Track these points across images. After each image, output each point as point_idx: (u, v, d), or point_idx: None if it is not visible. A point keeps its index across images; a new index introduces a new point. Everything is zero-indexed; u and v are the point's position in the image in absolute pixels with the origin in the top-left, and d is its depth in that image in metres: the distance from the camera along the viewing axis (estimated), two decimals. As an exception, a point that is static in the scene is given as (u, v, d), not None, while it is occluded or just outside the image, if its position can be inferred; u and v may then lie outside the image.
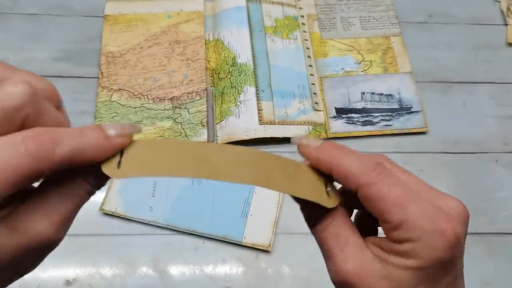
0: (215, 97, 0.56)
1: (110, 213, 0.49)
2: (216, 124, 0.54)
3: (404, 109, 0.56)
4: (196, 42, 0.59)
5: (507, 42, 0.63)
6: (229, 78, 0.56)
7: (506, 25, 0.64)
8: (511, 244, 0.50)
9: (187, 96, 0.56)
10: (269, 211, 0.49)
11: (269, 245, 0.47)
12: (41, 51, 0.60)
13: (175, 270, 0.47)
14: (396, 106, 0.56)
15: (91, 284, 0.46)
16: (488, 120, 0.57)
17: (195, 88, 0.56)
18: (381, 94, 0.57)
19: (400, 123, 0.55)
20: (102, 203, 0.49)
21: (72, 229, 0.51)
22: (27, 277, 0.45)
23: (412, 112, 0.56)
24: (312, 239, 0.24)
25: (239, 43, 0.59)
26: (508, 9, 0.65)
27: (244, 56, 0.58)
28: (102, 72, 0.57)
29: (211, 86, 0.57)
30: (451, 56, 0.62)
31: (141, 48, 0.58)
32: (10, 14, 0.62)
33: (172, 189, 0.50)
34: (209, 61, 0.59)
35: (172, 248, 0.48)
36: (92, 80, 0.57)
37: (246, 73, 0.56)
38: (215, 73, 0.58)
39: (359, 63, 0.60)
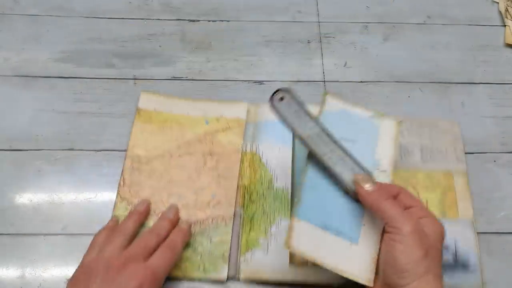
0: (243, 221, 0.49)
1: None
2: (241, 255, 0.47)
3: (459, 265, 0.48)
4: (231, 156, 0.52)
5: (505, 43, 0.63)
6: (262, 203, 0.50)
7: (505, 26, 0.65)
8: (510, 244, 0.50)
9: (212, 221, 0.49)
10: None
11: None
12: (42, 51, 0.60)
13: None
14: (451, 261, 0.48)
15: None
16: (486, 121, 0.57)
17: (222, 212, 0.49)
18: None
19: (452, 279, 0.47)
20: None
21: (73, 228, 0.51)
22: (29, 276, 0.46)
23: (469, 272, 0.47)
24: None
25: (278, 163, 0.52)
26: (506, 10, 0.66)
27: (282, 181, 0.51)
28: (124, 179, 0.50)
29: (240, 208, 0.50)
30: (449, 57, 0.62)
31: (171, 156, 0.52)
32: (11, 15, 0.63)
33: None
34: (242, 176, 0.51)
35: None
36: (92, 81, 0.58)
37: (281, 201, 0.50)
38: (247, 193, 0.51)
39: None
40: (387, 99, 0.58)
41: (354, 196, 0.42)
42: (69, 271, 0.47)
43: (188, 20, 0.64)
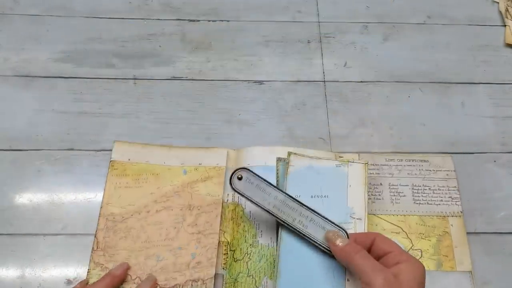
0: (226, 283, 0.45)
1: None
2: None
3: None
4: (211, 209, 0.48)
5: (505, 43, 0.63)
6: (247, 262, 0.45)
7: (505, 26, 0.65)
8: (510, 244, 0.50)
9: (191, 285, 0.45)
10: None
11: None
12: (42, 51, 0.60)
13: None
14: None
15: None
16: (486, 121, 0.57)
17: (201, 275, 0.45)
18: None
19: None
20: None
21: (73, 228, 0.51)
22: (29, 276, 0.46)
23: None
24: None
25: (262, 216, 0.48)
26: (507, 10, 0.66)
27: (267, 236, 0.47)
28: (98, 242, 0.47)
29: (223, 269, 0.46)
30: (449, 57, 0.62)
31: (148, 212, 0.48)
32: (11, 15, 0.63)
33: None
34: (224, 232, 0.48)
35: None
36: (92, 81, 0.58)
37: (267, 259, 0.45)
38: (230, 250, 0.47)
39: (407, 251, 0.46)
40: (387, 99, 0.58)
41: (331, 254, 0.42)
42: (68, 271, 0.47)
43: (188, 20, 0.64)
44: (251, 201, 0.44)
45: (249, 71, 0.60)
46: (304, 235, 0.43)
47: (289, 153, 0.49)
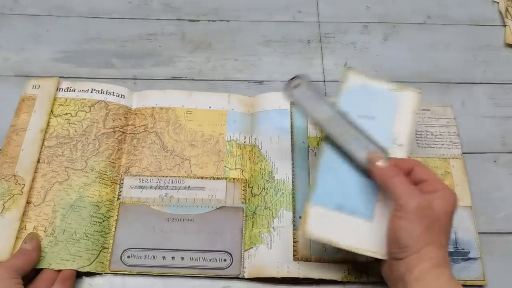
0: (246, 216, 0.49)
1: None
2: (244, 251, 0.47)
3: (460, 254, 0.48)
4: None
5: (505, 43, 0.63)
6: (264, 196, 0.49)
7: (505, 26, 0.65)
8: (510, 244, 0.50)
9: None
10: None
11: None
12: (42, 51, 0.60)
13: None
14: (451, 249, 0.48)
15: (91, 282, 0.46)
16: (486, 121, 0.57)
17: None
18: None
19: (454, 271, 0.46)
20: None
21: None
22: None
23: (470, 259, 0.48)
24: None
25: (278, 154, 0.51)
26: (507, 10, 0.66)
27: (283, 172, 0.50)
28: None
29: (242, 203, 0.50)
30: (449, 57, 0.62)
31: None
32: (11, 15, 0.63)
33: None
34: (242, 170, 0.51)
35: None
36: (92, 81, 0.58)
37: (283, 193, 0.49)
38: (248, 186, 0.50)
39: None
40: (387, 99, 0.58)
41: (369, 174, 0.43)
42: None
43: (188, 20, 0.64)
44: (302, 109, 0.45)
45: (249, 71, 0.60)
46: (346, 151, 0.44)
47: (347, 69, 0.49)
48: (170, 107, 0.55)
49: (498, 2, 0.67)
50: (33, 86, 0.54)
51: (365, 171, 0.43)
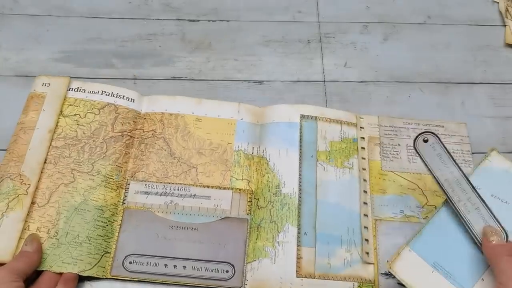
0: (251, 228, 0.48)
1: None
2: (247, 263, 0.46)
3: None
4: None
5: (505, 43, 0.63)
6: (270, 210, 0.49)
7: (505, 26, 0.65)
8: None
9: None
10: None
11: None
12: (42, 51, 0.60)
13: None
14: None
15: (92, 284, 0.46)
16: (486, 121, 0.57)
17: None
18: None
19: None
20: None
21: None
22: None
23: None
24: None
25: (286, 168, 0.50)
26: (507, 10, 0.66)
27: (290, 186, 0.49)
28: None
29: (248, 214, 0.50)
30: (449, 57, 0.62)
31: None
32: (11, 15, 0.63)
33: None
34: (249, 181, 0.51)
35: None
36: (92, 81, 0.58)
37: (289, 208, 0.48)
38: (254, 198, 0.50)
39: (422, 207, 0.50)
40: (387, 99, 0.58)
41: (479, 247, 0.43)
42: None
43: (188, 20, 0.64)
44: (427, 165, 0.45)
45: (249, 71, 0.60)
46: (463, 218, 0.43)
47: (492, 149, 0.48)
48: (180, 113, 0.54)
49: (498, 2, 0.67)
50: (43, 83, 0.54)
51: (477, 243, 0.43)
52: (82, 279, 0.46)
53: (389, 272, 0.43)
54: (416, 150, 0.45)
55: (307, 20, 0.64)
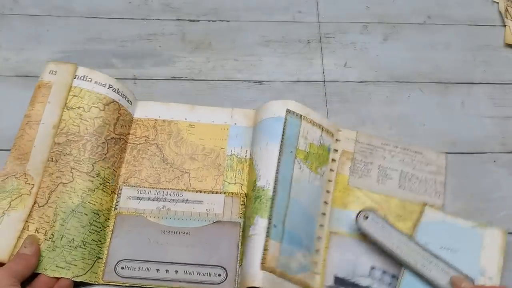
0: (243, 231, 0.48)
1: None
2: (239, 267, 0.46)
3: None
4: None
5: (505, 43, 0.63)
6: (248, 205, 0.48)
7: (505, 26, 0.65)
8: (510, 244, 0.50)
9: None
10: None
11: None
12: (42, 51, 0.60)
13: None
14: None
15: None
16: (486, 121, 0.57)
17: None
18: (394, 276, 0.47)
19: None
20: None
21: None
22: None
23: None
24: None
25: (264, 161, 0.49)
26: (507, 10, 0.66)
27: (264, 179, 0.48)
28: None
29: (240, 218, 0.49)
30: (449, 57, 0.62)
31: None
32: (11, 15, 0.63)
33: None
34: (241, 185, 0.51)
35: None
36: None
37: (261, 200, 0.47)
38: (246, 201, 0.50)
39: None
40: (387, 99, 0.58)
41: None
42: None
43: (188, 20, 0.64)
44: (375, 240, 0.46)
45: (249, 71, 0.60)
46: (427, 278, 0.45)
47: (423, 204, 0.50)
48: (173, 120, 0.54)
49: (498, 2, 0.67)
50: (50, 71, 0.52)
51: None
52: (75, 284, 0.45)
53: None
54: (360, 229, 0.47)
55: (307, 20, 0.65)
